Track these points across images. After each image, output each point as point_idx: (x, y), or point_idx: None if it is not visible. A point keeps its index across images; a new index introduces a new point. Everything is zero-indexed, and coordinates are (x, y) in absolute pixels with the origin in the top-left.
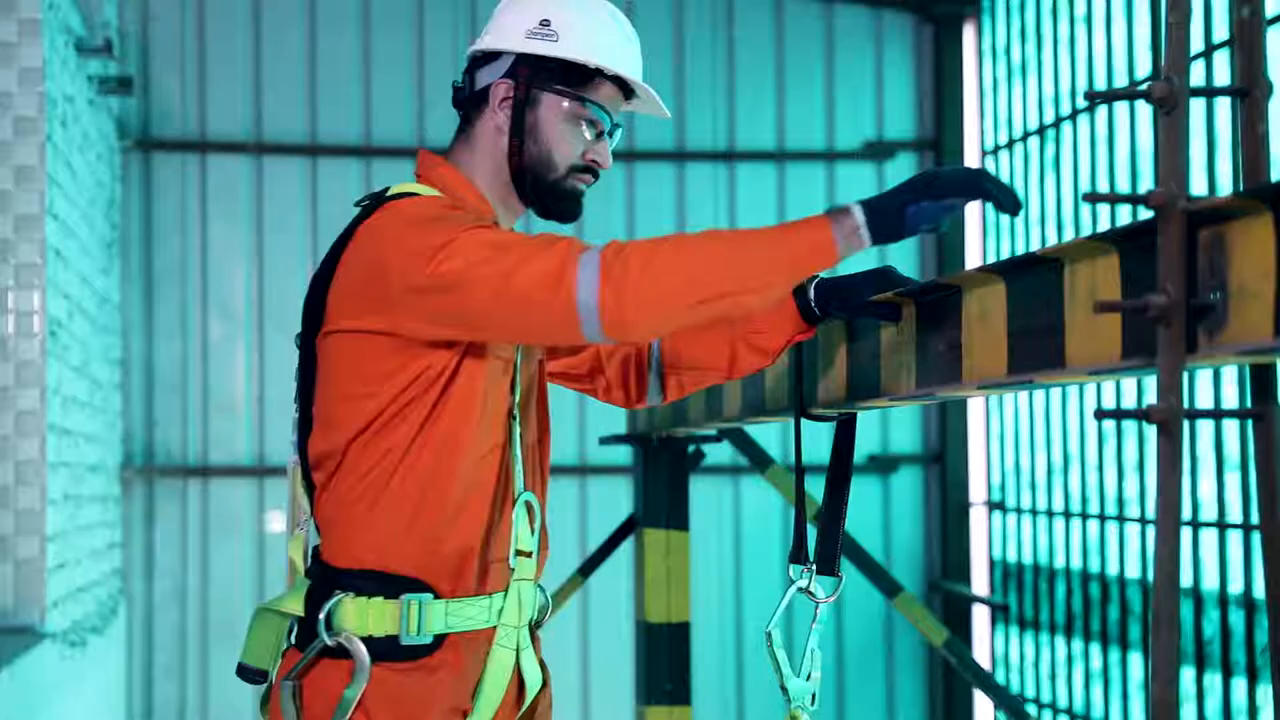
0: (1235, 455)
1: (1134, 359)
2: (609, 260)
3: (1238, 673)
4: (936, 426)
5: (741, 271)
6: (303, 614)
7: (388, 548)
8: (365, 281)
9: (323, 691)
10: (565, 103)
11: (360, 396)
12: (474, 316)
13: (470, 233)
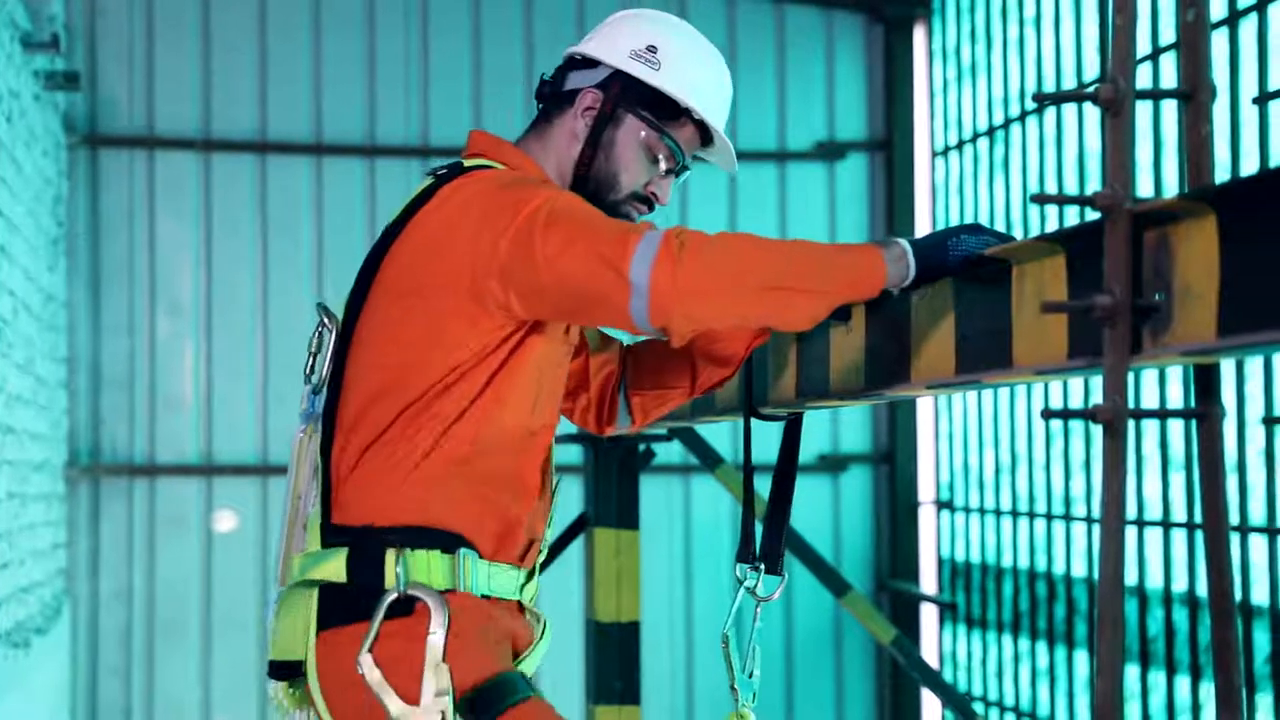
0: (1180, 455)
1: (1080, 359)
2: (670, 241)
3: (1181, 670)
4: (886, 426)
5: (798, 272)
6: (345, 579)
7: (439, 506)
8: (444, 242)
9: (400, 653)
10: (646, 131)
11: (421, 360)
12: (540, 271)
13: (560, 194)
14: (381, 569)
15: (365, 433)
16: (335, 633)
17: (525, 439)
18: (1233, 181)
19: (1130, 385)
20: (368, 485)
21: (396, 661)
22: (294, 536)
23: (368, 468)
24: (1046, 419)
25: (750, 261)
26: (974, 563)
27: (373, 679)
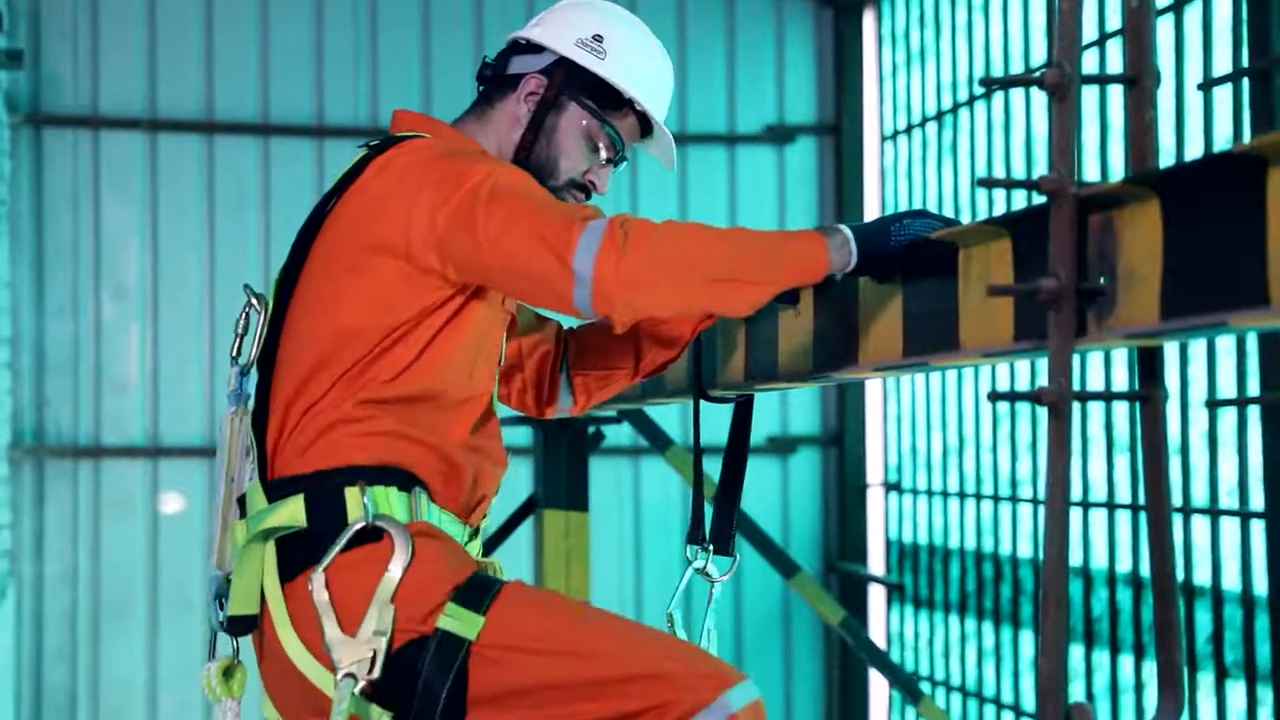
0: (1125, 437)
1: (1026, 342)
2: (614, 231)
3: (1125, 649)
4: (835, 409)
5: (742, 262)
6: (305, 523)
7: (388, 450)
8: (379, 212)
9: (354, 581)
10: (588, 119)
11: (360, 326)
12: (482, 250)
13: (504, 168)
14: (343, 508)
15: (302, 402)
16: (303, 577)
17: (466, 400)
18: (1176, 166)
19: (1075, 368)
20: (307, 443)
21: (349, 589)
22: (228, 518)
23: (306, 429)
24: (994, 401)
25: (695, 252)
26: (921, 544)
27: (319, 599)
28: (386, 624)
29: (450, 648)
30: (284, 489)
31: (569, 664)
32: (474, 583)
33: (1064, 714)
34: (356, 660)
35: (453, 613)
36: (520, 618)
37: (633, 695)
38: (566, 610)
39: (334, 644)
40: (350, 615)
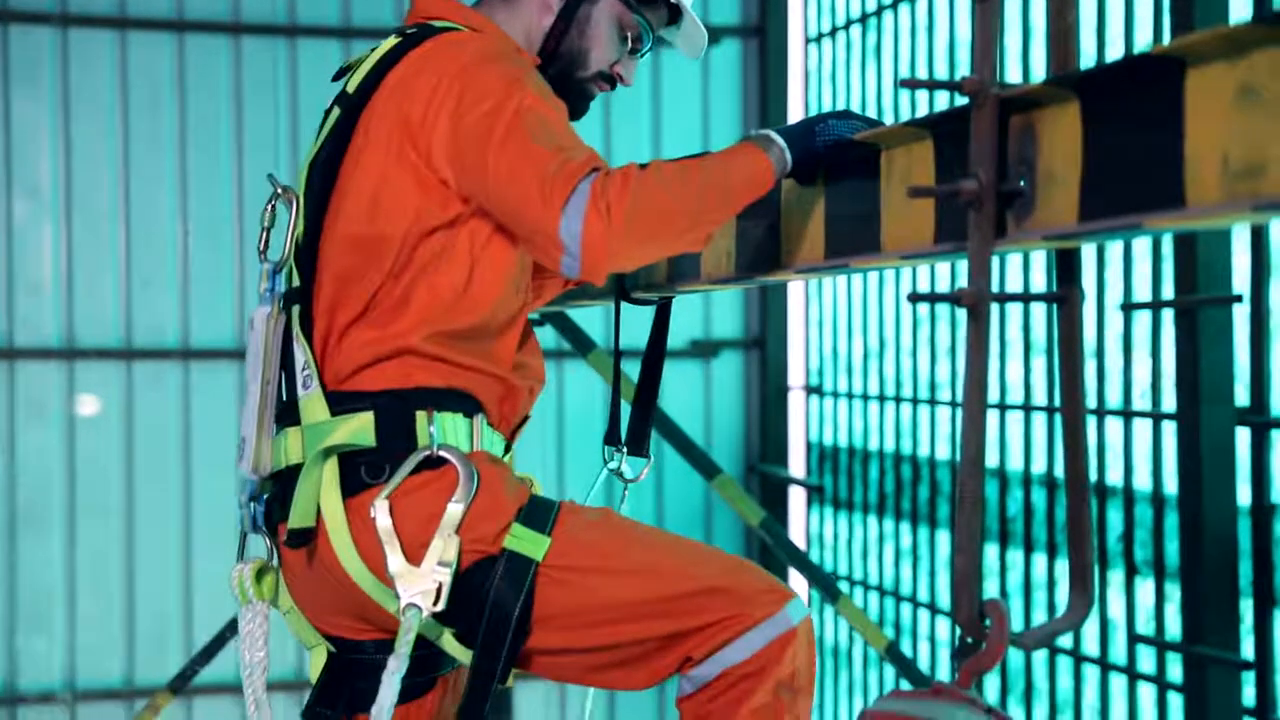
0: (1043, 341)
1: (946, 244)
2: (597, 203)
3: (1038, 548)
4: (757, 312)
5: (707, 202)
6: (374, 443)
7: (460, 376)
8: (412, 109)
9: (416, 508)
10: (620, 8)
11: (400, 233)
12: (487, 186)
13: (530, 97)
14: (412, 431)
15: (350, 308)
16: (369, 494)
17: (514, 318)
18: (1096, 68)
19: (995, 271)
20: (370, 360)
21: (412, 516)
22: (266, 422)
23: (359, 339)
24: (914, 302)
25: (668, 207)
26: (841, 446)
27: (383, 526)
28: (451, 555)
29: (519, 568)
30: (349, 404)
31: (634, 582)
32: (535, 505)
33: (977, 609)
34: (421, 591)
35: (519, 534)
36: (583, 538)
37: (697, 610)
38: (625, 529)
39: (398, 574)
40: (413, 542)
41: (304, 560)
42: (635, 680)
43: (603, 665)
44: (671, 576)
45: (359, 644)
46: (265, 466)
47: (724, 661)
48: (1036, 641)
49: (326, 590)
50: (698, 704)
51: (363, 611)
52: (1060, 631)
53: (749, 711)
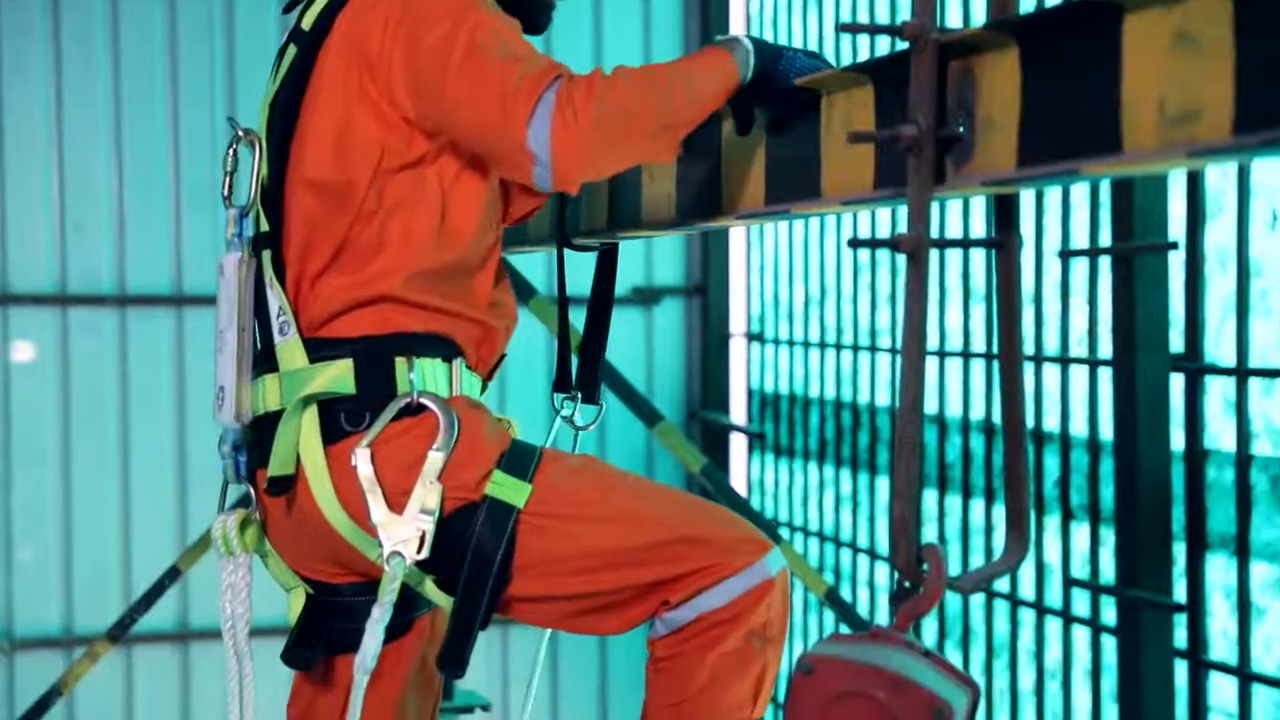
0: (982, 288)
1: (886, 189)
2: (563, 109)
3: (976, 494)
4: (699, 259)
5: (675, 106)
6: (353, 389)
7: (437, 320)
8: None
9: (397, 455)
10: None
11: (367, 175)
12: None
13: (485, 18)
14: (392, 378)
15: (321, 254)
16: (349, 441)
17: (487, 257)
18: (1036, 13)
19: (934, 217)
20: (348, 306)
21: (393, 463)
22: (244, 370)
23: (333, 285)
24: (854, 248)
25: (637, 109)
26: (782, 393)
27: (364, 474)
28: (434, 503)
29: (500, 515)
30: (327, 350)
31: (614, 530)
32: (516, 451)
33: (915, 554)
34: (405, 539)
35: (500, 481)
36: (564, 485)
37: (676, 559)
38: (606, 476)
39: (381, 523)
40: (395, 490)
41: (283, 507)
42: (612, 626)
43: (581, 611)
44: (652, 525)
45: (337, 587)
46: (246, 415)
47: (700, 607)
48: (973, 585)
49: (305, 536)
50: (669, 645)
51: (341, 557)
52: (997, 574)
53: (719, 656)
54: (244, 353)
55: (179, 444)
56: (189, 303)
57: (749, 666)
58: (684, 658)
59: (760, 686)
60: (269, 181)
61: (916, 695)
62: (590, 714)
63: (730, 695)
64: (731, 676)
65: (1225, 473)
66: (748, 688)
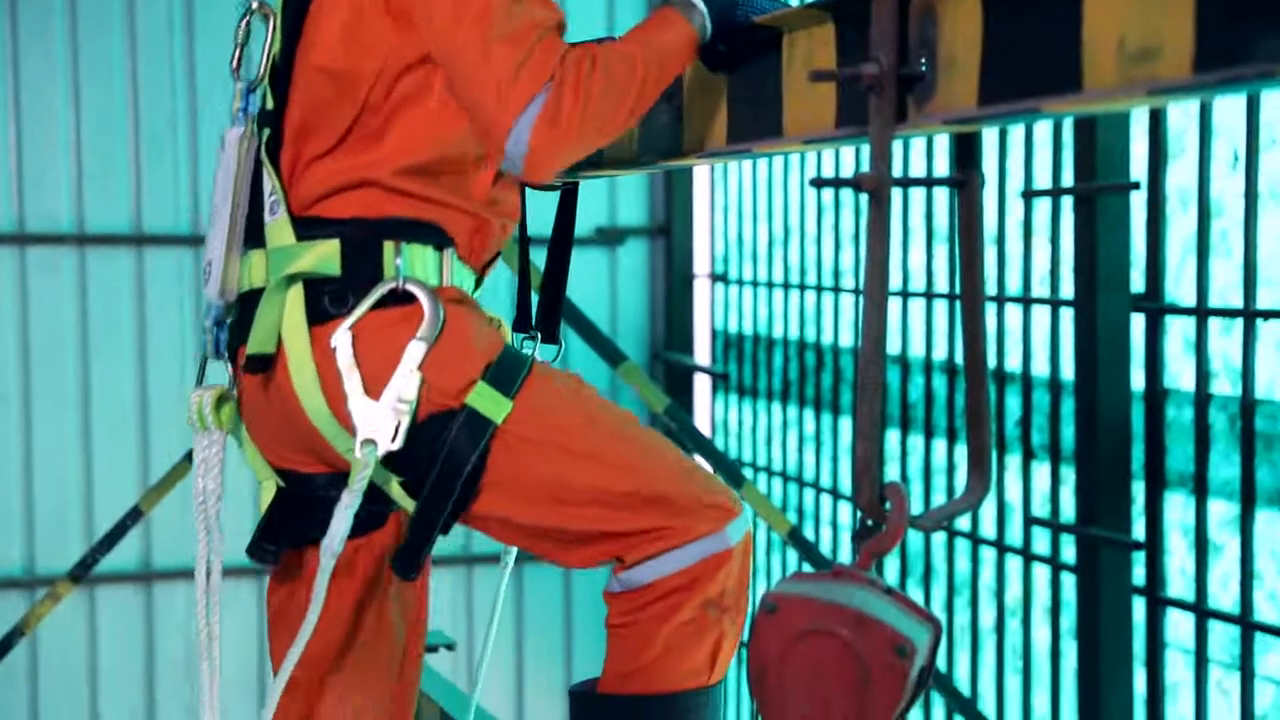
0: (944, 228)
1: (848, 128)
2: (549, 109)
3: (939, 434)
4: (663, 199)
5: (650, 85)
6: (338, 271)
7: (427, 209)
8: None
9: (381, 343)
10: None
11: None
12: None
13: None
14: (379, 261)
15: (321, 138)
16: (332, 325)
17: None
18: None
19: (897, 157)
20: (339, 187)
21: (375, 351)
22: (235, 245)
23: (328, 168)
24: (817, 187)
25: (617, 109)
26: (746, 334)
27: (344, 358)
28: (412, 393)
29: (477, 427)
30: (316, 230)
31: (584, 467)
32: (504, 362)
33: (878, 492)
34: (379, 427)
35: (483, 392)
36: (547, 408)
37: (638, 514)
38: (591, 407)
39: (357, 407)
40: (374, 377)
41: (260, 388)
42: (567, 559)
43: (537, 537)
44: (623, 471)
45: (309, 478)
46: (232, 290)
47: (656, 570)
48: (935, 523)
49: (278, 421)
50: (624, 609)
51: (312, 445)
52: (958, 512)
53: (674, 627)
54: (235, 229)
55: (140, 384)
56: (149, 242)
57: (704, 636)
58: (638, 627)
59: (717, 654)
60: (279, 59)
61: (879, 632)
62: (555, 652)
63: (685, 664)
64: (687, 646)
65: (1184, 412)
66: (703, 656)
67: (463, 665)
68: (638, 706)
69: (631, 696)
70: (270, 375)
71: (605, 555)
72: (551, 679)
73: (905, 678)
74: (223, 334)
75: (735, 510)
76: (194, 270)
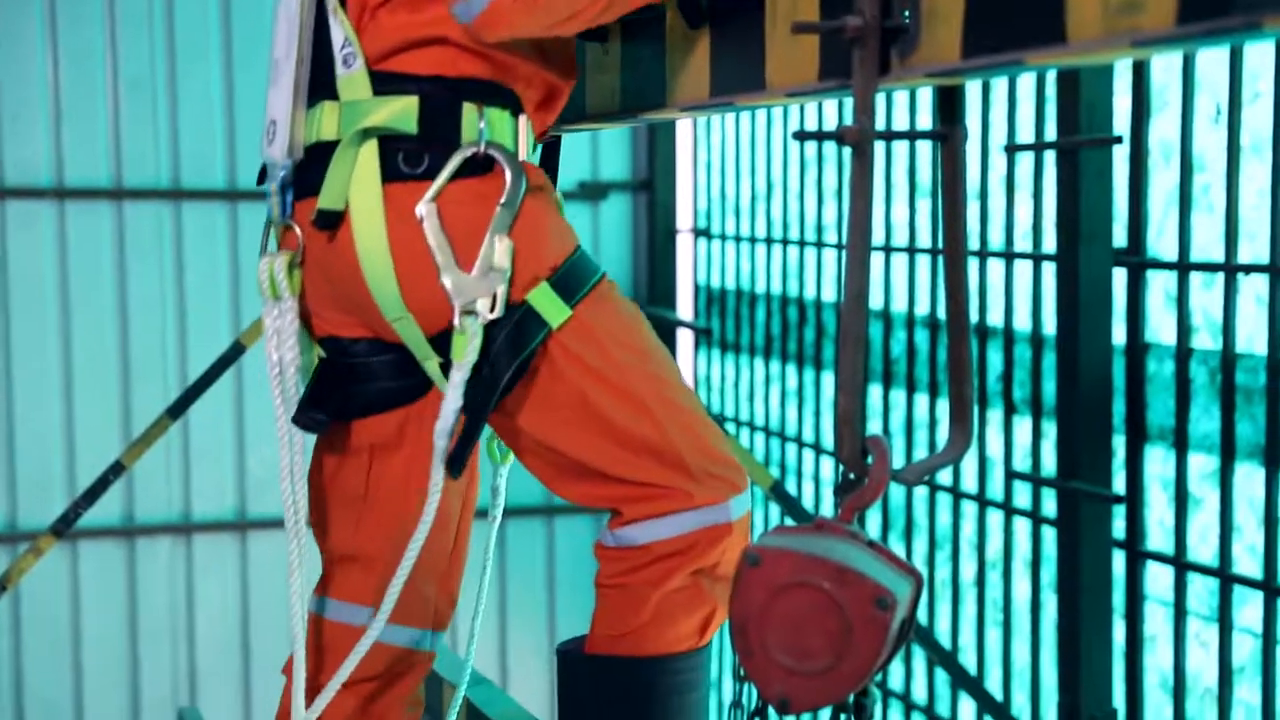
0: (928, 184)
1: (830, 81)
2: None
3: (921, 389)
4: (645, 154)
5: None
6: (415, 129)
7: (504, 69)
8: None
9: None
10: None
11: None
12: None
13: None
14: (458, 122)
15: None
16: (405, 185)
17: None
18: None
19: (880, 110)
20: (403, 37)
21: (461, 222)
22: (300, 101)
23: (395, 21)
24: (800, 140)
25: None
26: (729, 289)
27: (430, 230)
28: (505, 260)
29: (531, 328)
30: (393, 85)
31: (614, 401)
32: (574, 268)
33: (860, 446)
34: (476, 298)
35: (544, 293)
36: (601, 329)
37: (645, 463)
38: (643, 344)
39: (451, 280)
40: (461, 248)
41: (322, 246)
42: (563, 489)
43: (542, 455)
44: (646, 417)
45: (350, 344)
46: (299, 148)
47: (653, 533)
48: (917, 476)
49: (331, 280)
50: (615, 569)
51: (360, 306)
52: (940, 465)
53: (664, 594)
54: (300, 85)
55: (122, 338)
56: (129, 196)
57: (696, 605)
58: (629, 591)
59: (709, 622)
60: None
61: (861, 584)
62: (539, 609)
63: (675, 630)
64: (678, 613)
65: (1165, 366)
66: (695, 624)
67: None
68: (626, 668)
69: (621, 658)
70: (334, 233)
71: (601, 499)
72: (535, 635)
73: (886, 630)
74: (289, 197)
75: (741, 486)
76: (174, 224)
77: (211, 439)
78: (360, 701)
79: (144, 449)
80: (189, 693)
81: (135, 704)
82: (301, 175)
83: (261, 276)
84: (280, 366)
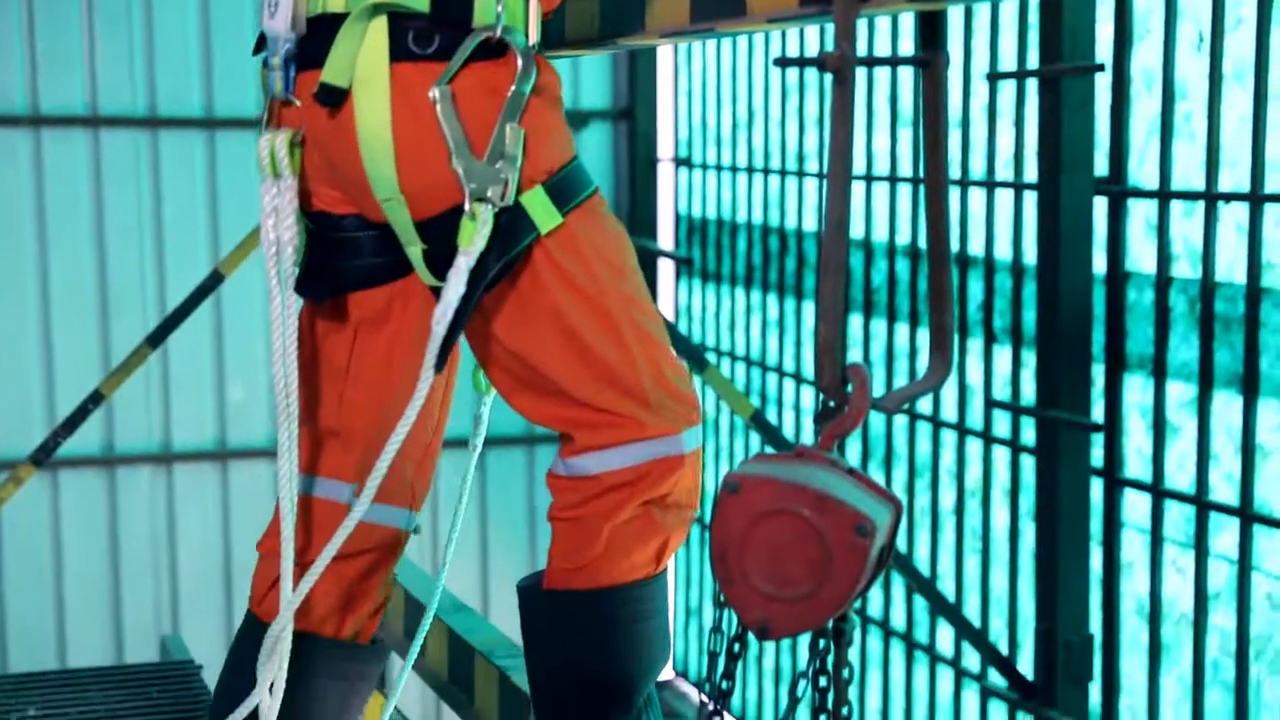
0: (909, 111)
1: (811, 6)
2: None
3: (901, 318)
4: (626, 82)
5: None
6: (427, 7)
7: None
8: None
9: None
10: None
11: None
12: None
13: None
14: (470, 3)
15: None
16: (413, 65)
17: None
18: None
19: (862, 37)
20: None
21: (473, 109)
22: None
23: None
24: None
25: None
26: (710, 218)
27: (444, 110)
28: (516, 148)
29: (520, 229)
30: None
31: (584, 317)
32: (570, 176)
33: (840, 374)
34: (487, 185)
35: (538, 197)
36: (587, 242)
37: (601, 387)
38: (624, 264)
39: (463, 166)
40: (473, 133)
41: (322, 121)
42: (518, 401)
43: (504, 361)
44: (612, 339)
45: (339, 220)
46: (302, 20)
47: (604, 463)
48: (897, 404)
49: (328, 155)
50: (568, 501)
51: (354, 183)
52: (921, 393)
53: (617, 525)
54: None
55: (99, 267)
56: (105, 124)
57: (649, 535)
58: (582, 523)
59: (663, 551)
60: None
61: (840, 511)
62: (519, 536)
63: (629, 560)
64: (631, 544)
65: (1145, 295)
66: (649, 553)
67: (428, 550)
68: (584, 600)
69: (578, 591)
70: (335, 110)
71: (557, 421)
72: (516, 563)
73: (866, 557)
74: (292, 71)
75: (695, 419)
76: (150, 152)
77: (191, 369)
78: (341, 579)
79: (123, 378)
80: (171, 621)
81: (118, 633)
82: (304, 47)
83: (261, 153)
84: (277, 245)
